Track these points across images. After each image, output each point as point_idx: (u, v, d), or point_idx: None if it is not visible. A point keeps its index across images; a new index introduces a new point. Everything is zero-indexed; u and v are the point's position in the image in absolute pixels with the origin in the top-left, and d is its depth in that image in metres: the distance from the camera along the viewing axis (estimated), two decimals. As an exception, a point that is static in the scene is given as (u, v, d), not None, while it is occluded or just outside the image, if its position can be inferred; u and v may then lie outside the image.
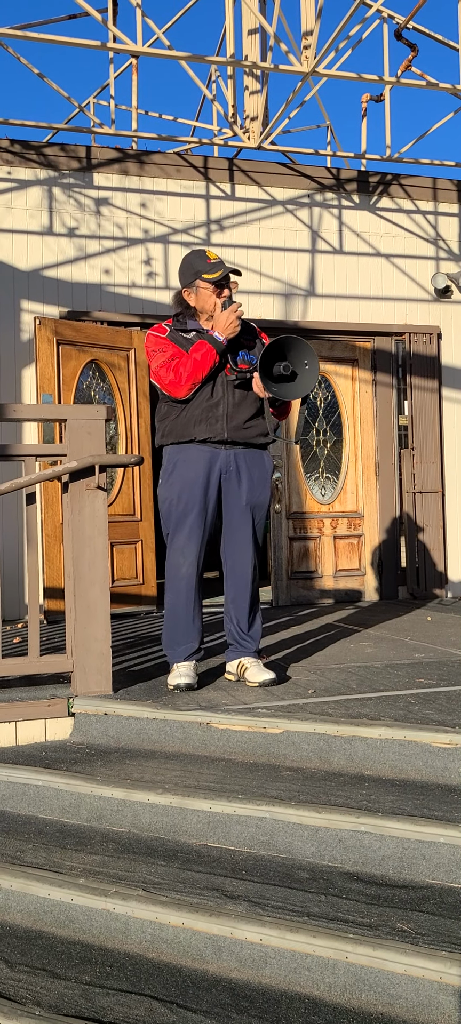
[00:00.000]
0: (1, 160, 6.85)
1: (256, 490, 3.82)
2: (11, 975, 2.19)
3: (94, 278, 7.07)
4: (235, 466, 3.79)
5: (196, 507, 3.73)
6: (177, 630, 3.79)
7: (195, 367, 3.68)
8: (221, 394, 3.74)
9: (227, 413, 3.74)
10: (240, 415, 3.77)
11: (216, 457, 3.76)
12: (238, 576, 3.83)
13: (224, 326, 3.70)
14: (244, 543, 3.82)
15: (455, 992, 1.98)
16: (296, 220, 7.64)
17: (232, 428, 3.75)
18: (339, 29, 5.99)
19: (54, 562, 6.47)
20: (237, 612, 3.85)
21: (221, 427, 3.74)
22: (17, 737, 3.48)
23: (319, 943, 2.12)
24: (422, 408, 7.82)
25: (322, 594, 7.59)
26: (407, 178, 7.92)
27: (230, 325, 3.70)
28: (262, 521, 3.88)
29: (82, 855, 2.65)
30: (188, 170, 7.34)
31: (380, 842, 2.53)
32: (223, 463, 3.77)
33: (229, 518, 3.83)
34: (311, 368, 3.62)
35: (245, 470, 3.80)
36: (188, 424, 3.75)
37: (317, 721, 3.16)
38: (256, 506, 3.83)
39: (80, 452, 3.58)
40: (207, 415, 3.73)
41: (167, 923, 2.28)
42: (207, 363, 3.68)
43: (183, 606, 3.77)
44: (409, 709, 3.33)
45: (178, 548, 3.76)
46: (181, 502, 3.74)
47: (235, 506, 3.80)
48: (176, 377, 3.70)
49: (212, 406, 3.74)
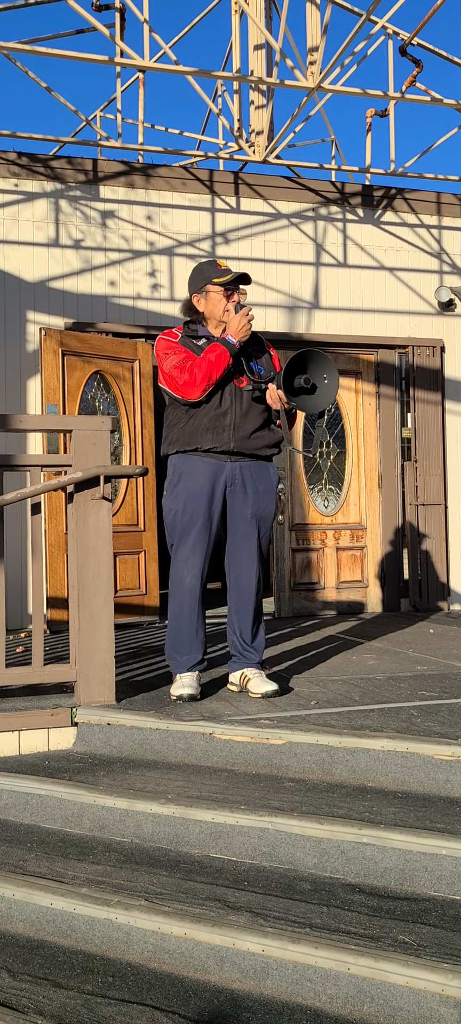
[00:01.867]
0: (8, 172, 6.90)
1: (262, 502, 3.82)
2: (13, 984, 2.19)
3: (99, 290, 7.11)
4: (240, 478, 3.78)
5: (201, 519, 3.73)
6: (180, 641, 3.79)
7: (210, 367, 3.67)
8: (229, 403, 3.74)
9: (234, 423, 3.74)
10: (247, 426, 3.76)
11: (221, 469, 3.76)
12: (242, 588, 3.83)
13: (236, 329, 3.71)
14: (249, 555, 3.82)
15: (457, 1005, 1.98)
16: (301, 233, 7.67)
17: (239, 438, 3.75)
18: (345, 45, 6.03)
19: (58, 572, 6.48)
20: (241, 624, 3.85)
21: (228, 437, 3.73)
22: (20, 746, 3.48)
23: (321, 954, 2.12)
24: (425, 421, 7.83)
25: (325, 606, 7.59)
26: (411, 192, 7.95)
27: (242, 328, 3.71)
28: (267, 533, 3.88)
29: (85, 865, 2.65)
30: (194, 183, 7.38)
31: (382, 854, 2.53)
32: (228, 475, 3.77)
33: (234, 530, 3.82)
34: (330, 382, 3.64)
35: (250, 482, 3.80)
36: (195, 432, 3.74)
37: (320, 732, 3.16)
38: (262, 518, 3.83)
39: (85, 463, 3.59)
40: (214, 424, 3.72)
41: (169, 933, 2.28)
42: (221, 364, 3.68)
43: (186, 617, 3.77)
44: (411, 721, 3.34)
45: (182, 559, 3.77)
46: (186, 513, 3.74)
47: (240, 518, 3.80)
48: (191, 378, 3.68)
49: (220, 415, 3.73)
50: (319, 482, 7.69)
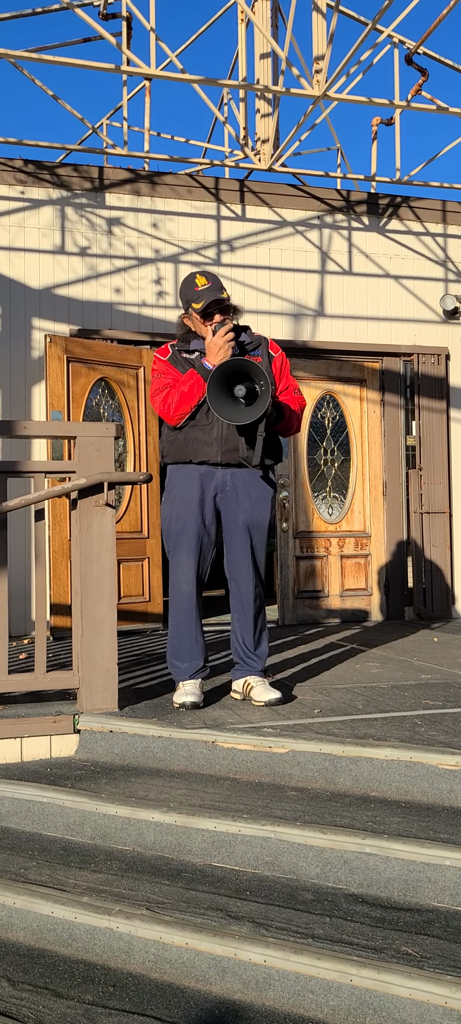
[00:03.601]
0: (15, 180, 6.92)
1: (255, 509, 3.81)
2: (13, 993, 2.18)
3: (105, 297, 7.12)
4: (232, 485, 3.79)
5: (193, 525, 3.75)
6: (181, 648, 3.80)
7: (181, 399, 3.71)
8: (216, 418, 3.71)
9: (221, 436, 3.74)
10: (235, 438, 3.74)
11: (211, 475, 3.78)
12: (240, 595, 3.84)
13: (214, 353, 3.70)
14: (244, 563, 3.82)
15: (460, 1018, 1.96)
16: (306, 241, 7.67)
17: (226, 451, 3.75)
18: (350, 54, 6.03)
19: (61, 579, 6.48)
20: (242, 631, 3.85)
21: (215, 451, 3.75)
22: (22, 753, 3.48)
23: (323, 965, 2.11)
24: (430, 428, 7.82)
25: (328, 613, 7.58)
26: (417, 200, 7.95)
27: (220, 351, 3.67)
28: (263, 540, 3.87)
29: (86, 873, 2.64)
30: (199, 191, 7.39)
31: (385, 864, 2.52)
32: (219, 482, 3.79)
33: (229, 537, 3.84)
34: (265, 390, 3.50)
35: (243, 489, 3.79)
36: (185, 445, 3.77)
37: (323, 741, 3.15)
38: (254, 525, 3.81)
39: (89, 469, 3.59)
40: (202, 438, 3.74)
41: (171, 943, 2.27)
42: (195, 394, 3.69)
43: (185, 624, 3.78)
44: (415, 730, 3.32)
45: (177, 565, 3.79)
46: (179, 520, 3.77)
47: (234, 525, 3.81)
48: (165, 407, 3.74)
49: (207, 429, 3.74)
50: (323, 490, 7.68)
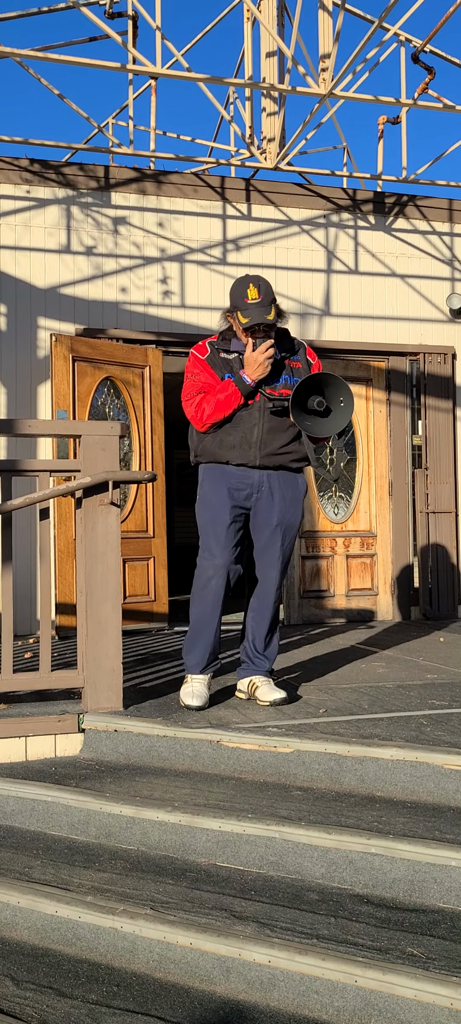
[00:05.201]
0: (20, 179, 6.92)
1: (289, 510, 3.80)
2: (18, 992, 2.18)
3: (110, 296, 7.11)
4: (268, 486, 3.77)
5: (227, 521, 3.71)
6: (198, 641, 3.77)
7: (216, 408, 3.68)
8: (257, 419, 3.71)
9: (261, 440, 3.71)
10: (275, 442, 3.73)
11: (248, 477, 3.75)
12: (262, 595, 3.83)
13: (253, 368, 3.67)
14: (270, 562, 3.80)
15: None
16: (312, 240, 7.66)
17: (266, 455, 3.73)
18: (356, 52, 6.02)
19: (66, 578, 6.48)
20: (256, 629, 3.85)
21: (254, 454, 3.72)
22: (27, 752, 3.48)
23: (328, 966, 2.10)
24: (436, 428, 7.80)
25: (334, 613, 7.56)
26: (423, 199, 7.93)
27: (259, 367, 3.65)
28: (293, 542, 3.86)
29: (90, 872, 2.64)
30: (205, 190, 7.38)
31: (391, 864, 2.51)
32: (255, 483, 3.76)
33: (258, 536, 3.80)
34: (346, 406, 3.60)
35: (278, 490, 3.78)
36: (222, 447, 3.74)
37: (328, 741, 3.14)
38: (287, 526, 3.80)
39: (94, 468, 3.59)
40: (241, 440, 3.71)
41: (175, 943, 2.26)
42: (230, 405, 3.67)
43: (209, 619, 3.74)
44: (421, 730, 3.31)
45: (209, 559, 3.75)
46: (212, 516, 3.73)
47: (266, 525, 3.78)
48: (197, 413, 3.71)
49: (246, 431, 3.71)
50: (329, 489, 7.66)
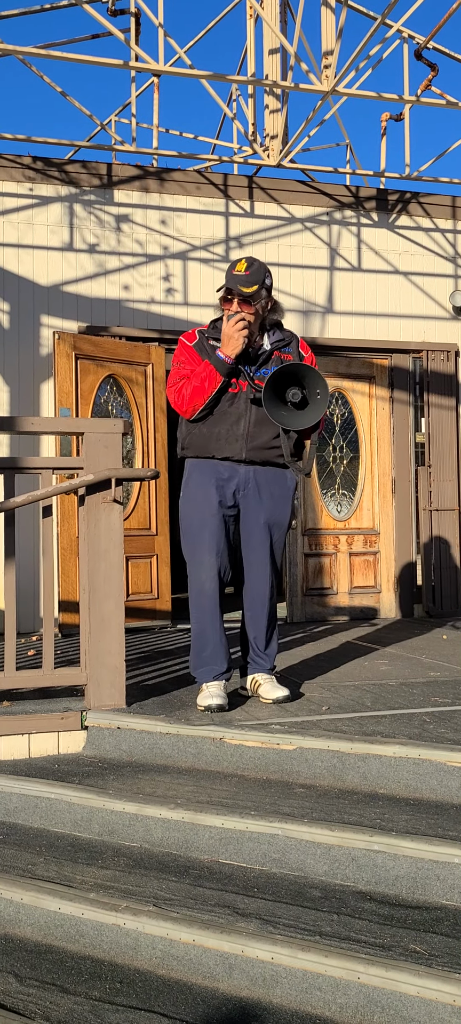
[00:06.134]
0: (23, 177, 6.92)
1: (277, 508, 3.72)
2: (21, 989, 2.18)
3: (113, 294, 7.11)
4: (254, 483, 3.70)
5: (214, 521, 3.64)
6: (205, 649, 3.69)
7: (194, 392, 3.59)
8: (243, 411, 3.63)
9: (248, 432, 3.64)
10: (262, 435, 3.64)
11: (234, 472, 3.68)
12: (255, 594, 3.76)
13: (226, 343, 3.56)
14: (261, 561, 3.73)
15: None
16: (315, 238, 7.65)
17: (252, 448, 3.65)
18: (359, 49, 6.01)
19: (69, 575, 6.48)
20: (254, 628, 3.79)
21: (240, 447, 3.64)
22: (30, 749, 3.48)
23: (331, 963, 2.10)
24: (439, 426, 7.79)
25: (337, 611, 7.56)
26: (426, 196, 7.92)
27: (230, 341, 3.54)
28: (282, 539, 3.78)
29: (93, 869, 2.64)
30: (208, 187, 7.38)
31: (393, 862, 2.51)
32: (242, 479, 3.69)
33: (247, 535, 3.74)
34: (323, 399, 3.47)
35: (265, 487, 3.71)
36: (208, 440, 3.66)
37: (331, 738, 3.14)
38: (275, 524, 3.73)
39: (97, 466, 3.59)
40: (227, 433, 3.64)
41: (178, 940, 2.26)
42: (209, 386, 3.57)
43: (209, 623, 3.67)
44: (424, 728, 3.30)
45: (199, 562, 3.67)
46: (199, 514, 3.66)
47: (254, 523, 3.71)
48: (179, 399, 3.64)
49: (232, 423, 3.63)
50: (332, 487, 7.66)
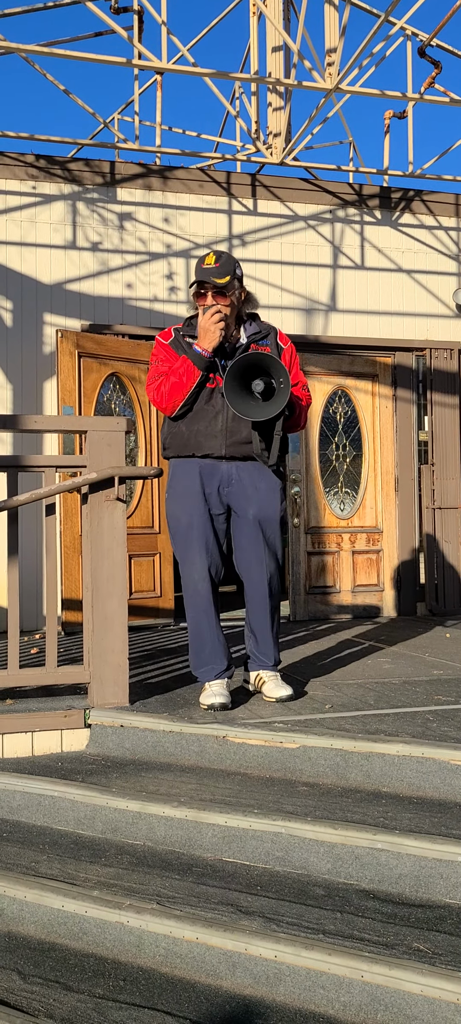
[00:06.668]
0: (26, 175, 6.92)
1: (264, 503, 3.66)
2: (24, 987, 2.18)
3: (116, 292, 7.11)
4: (238, 478, 3.65)
5: (201, 520, 3.62)
6: (204, 649, 3.68)
7: (173, 388, 3.57)
8: (220, 407, 3.59)
9: (226, 428, 3.60)
10: (241, 430, 3.60)
11: (216, 469, 3.64)
12: (253, 592, 3.73)
13: (203, 336, 3.54)
14: (256, 559, 3.68)
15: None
16: (318, 236, 7.64)
17: (231, 444, 3.62)
18: (363, 46, 6.00)
19: (72, 574, 6.49)
20: (256, 626, 3.77)
21: (220, 443, 3.61)
22: (33, 747, 3.48)
23: (334, 961, 2.10)
24: (442, 424, 7.78)
25: (340, 609, 7.55)
26: (429, 194, 7.90)
27: (207, 334, 3.51)
28: (276, 535, 3.71)
29: (96, 867, 2.64)
30: (211, 185, 7.37)
31: (397, 860, 2.51)
32: (224, 476, 3.65)
33: (239, 533, 3.71)
34: (285, 387, 3.40)
35: (250, 482, 3.66)
36: (189, 438, 3.64)
37: (334, 737, 3.14)
38: (264, 519, 3.67)
39: (100, 464, 3.59)
40: (206, 430, 3.61)
41: (181, 938, 2.26)
42: (187, 381, 3.55)
43: (206, 623, 3.66)
44: (427, 726, 3.30)
45: (191, 563, 3.66)
46: (185, 515, 3.64)
47: (244, 520, 3.68)
48: (158, 396, 3.62)
49: (210, 420, 3.61)
50: (335, 485, 7.65)
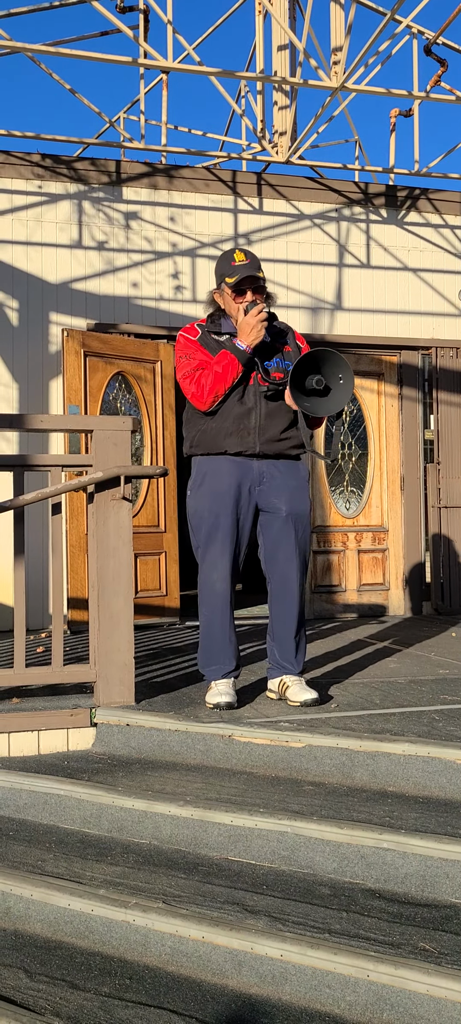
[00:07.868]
0: (32, 174, 6.93)
1: (295, 499, 3.65)
2: (31, 985, 2.19)
3: (122, 291, 7.12)
4: (269, 476, 3.64)
5: (228, 521, 3.59)
6: (214, 647, 3.66)
7: (216, 380, 3.54)
8: (253, 404, 3.59)
9: (259, 425, 3.60)
10: (273, 427, 3.61)
11: (248, 468, 3.63)
12: (284, 593, 3.65)
13: (246, 333, 3.53)
14: (288, 557, 3.64)
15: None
16: (323, 234, 7.64)
17: (264, 441, 3.61)
18: (368, 44, 5.99)
19: (78, 572, 6.50)
20: (282, 630, 3.68)
21: (253, 440, 3.60)
22: (40, 746, 3.49)
23: (340, 960, 2.10)
24: (448, 422, 7.76)
25: (345, 608, 7.55)
26: (435, 192, 7.89)
27: (252, 331, 3.52)
28: (307, 532, 3.69)
29: (103, 866, 2.65)
30: (217, 184, 7.37)
31: (403, 859, 2.50)
32: (256, 474, 3.63)
33: (269, 531, 3.66)
34: (346, 383, 3.45)
35: (281, 479, 3.65)
36: (218, 435, 3.61)
37: (340, 736, 3.14)
38: (298, 516, 3.64)
39: (106, 463, 3.59)
40: (238, 427, 3.59)
41: (187, 936, 2.27)
42: (230, 375, 3.54)
43: (218, 623, 3.63)
44: (433, 725, 3.30)
45: (211, 563, 3.62)
46: (212, 514, 3.60)
47: (276, 518, 3.64)
48: (198, 390, 3.58)
49: (243, 417, 3.59)
50: (341, 484, 7.65)
